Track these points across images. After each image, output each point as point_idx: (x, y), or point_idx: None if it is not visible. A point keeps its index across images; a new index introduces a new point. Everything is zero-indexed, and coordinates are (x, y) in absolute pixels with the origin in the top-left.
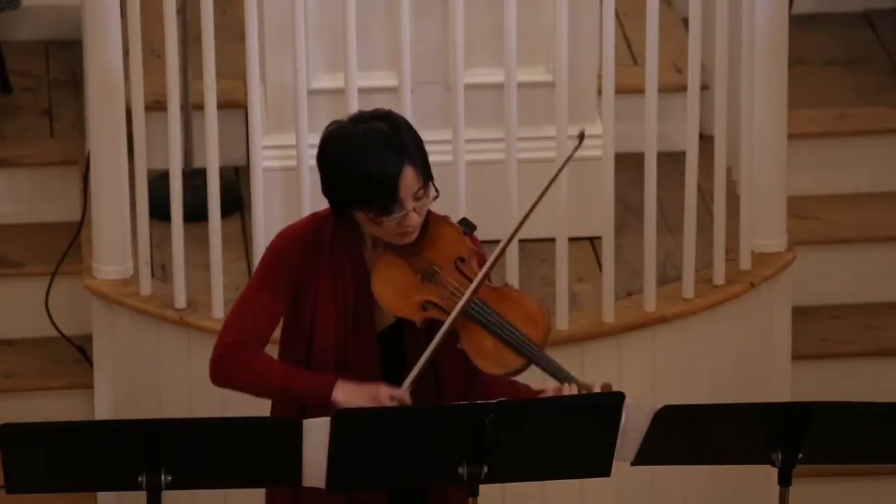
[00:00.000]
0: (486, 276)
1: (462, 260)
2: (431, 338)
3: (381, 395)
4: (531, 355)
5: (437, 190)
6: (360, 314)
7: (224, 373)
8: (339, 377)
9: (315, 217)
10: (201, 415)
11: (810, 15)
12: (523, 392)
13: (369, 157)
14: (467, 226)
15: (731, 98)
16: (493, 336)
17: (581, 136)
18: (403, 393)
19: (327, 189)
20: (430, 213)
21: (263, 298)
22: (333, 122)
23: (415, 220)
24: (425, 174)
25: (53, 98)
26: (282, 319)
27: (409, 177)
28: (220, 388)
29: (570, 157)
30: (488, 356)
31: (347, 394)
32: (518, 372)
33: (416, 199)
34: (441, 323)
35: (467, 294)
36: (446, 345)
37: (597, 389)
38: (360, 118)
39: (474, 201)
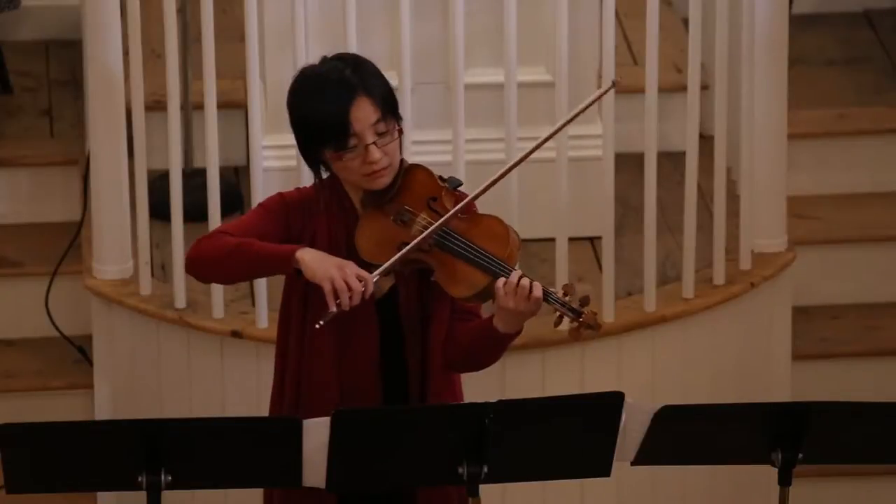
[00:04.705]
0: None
1: (434, 199)
2: (423, 301)
3: (348, 269)
4: (496, 270)
5: (401, 128)
6: None
7: (196, 252)
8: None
9: (314, 185)
10: (201, 415)
11: (810, 15)
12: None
13: (319, 92)
14: (453, 182)
15: (731, 98)
16: (460, 260)
17: (614, 84)
18: (368, 278)
19: (296, 137)
20: (403, 161)
21: (260, 217)
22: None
23: (377, 155)
24: (386, 108)
25: (53, 98)
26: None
27: (362, 107)
28: (220, 386)
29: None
30: (457, 280)
31: (314, 255)
32: (486, 291)
33: (379, 134)
34: (419, 262)
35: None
36: (430, 284)
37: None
38: (325, 60)
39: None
